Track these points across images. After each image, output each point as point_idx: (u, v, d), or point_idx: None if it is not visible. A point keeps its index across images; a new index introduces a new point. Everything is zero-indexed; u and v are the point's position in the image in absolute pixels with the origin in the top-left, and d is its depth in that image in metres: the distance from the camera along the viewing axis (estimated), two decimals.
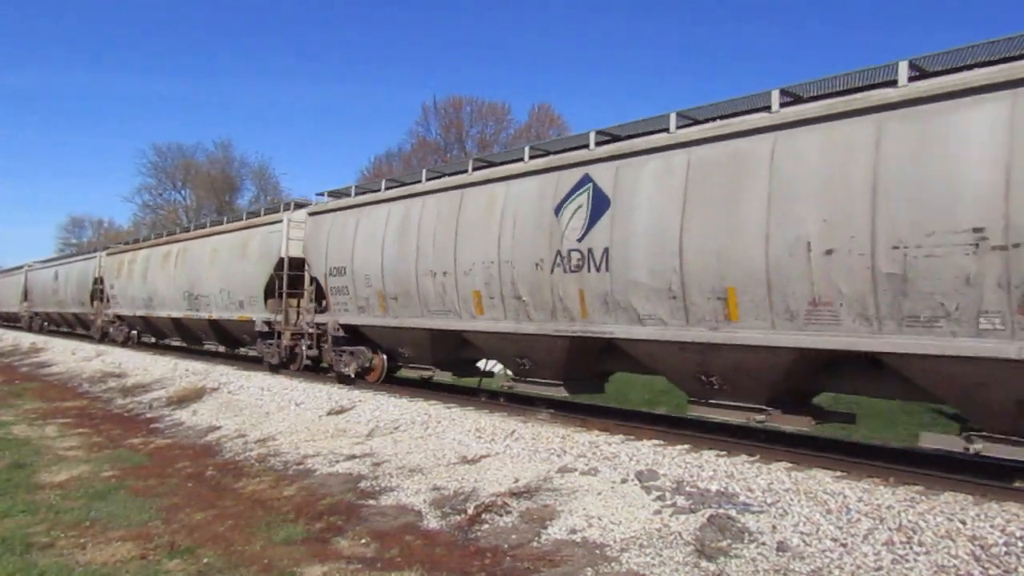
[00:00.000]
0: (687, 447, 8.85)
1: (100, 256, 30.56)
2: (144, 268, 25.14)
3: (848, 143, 7.47)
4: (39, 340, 33.49)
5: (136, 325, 27.25)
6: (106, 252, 30.41)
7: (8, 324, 46.98)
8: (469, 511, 7.45)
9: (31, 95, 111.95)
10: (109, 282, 28.58)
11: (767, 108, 8.35)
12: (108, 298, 28.87)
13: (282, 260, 17.11)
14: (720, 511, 6.60)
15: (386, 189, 14.41)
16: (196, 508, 8.17)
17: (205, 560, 6.53)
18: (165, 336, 25.98)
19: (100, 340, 29.72)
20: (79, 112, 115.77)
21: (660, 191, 9.15)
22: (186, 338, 24.13)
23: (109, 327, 28.99)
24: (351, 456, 9.96)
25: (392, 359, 14.90)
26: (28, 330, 41.05)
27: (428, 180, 13.31)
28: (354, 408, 12.50)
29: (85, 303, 31.62)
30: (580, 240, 10.06)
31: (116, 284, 27.79)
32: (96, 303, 30.46)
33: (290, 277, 17.04)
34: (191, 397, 15.72)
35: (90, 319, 31.32)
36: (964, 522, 5.85)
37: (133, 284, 26.04)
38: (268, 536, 7.16)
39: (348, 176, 77.80)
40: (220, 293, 19.95)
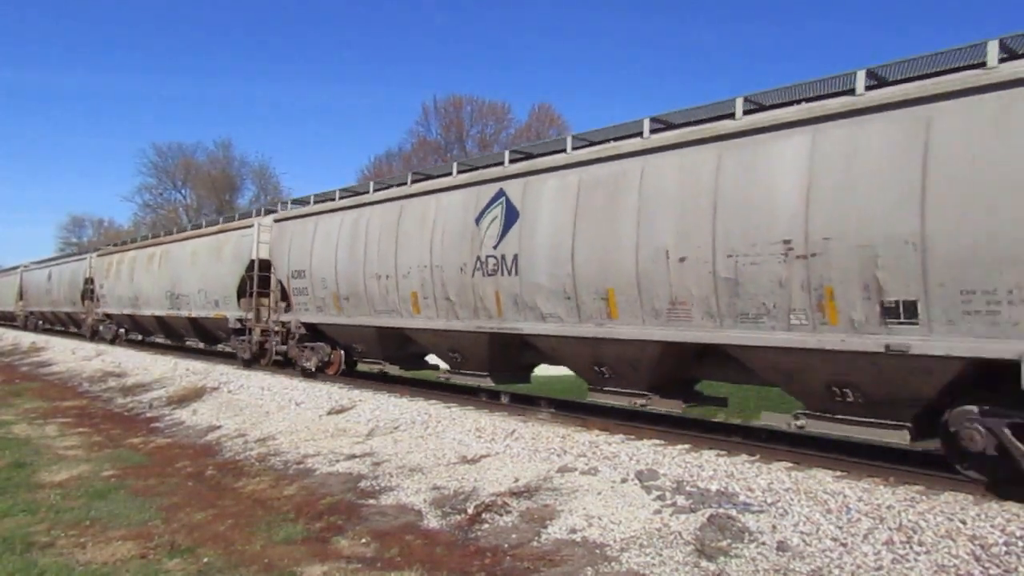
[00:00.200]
0: (687, 447, 8.87)
1: (90, 257, 31.95)
2: (131, 269, 26.50)
3: (696, 167, 8.80)
4: (39, 339, 33.82)
5: (124, 323, 28.63)
6: (96, 254, 31.82)
7: (5, 323, 48.41)
8: (469, 511, 7.50)
9: (31, 95, 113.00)
10: (99, 282, 29.94)
11: (640, 134, 9.68)
12: (98, 298, 30.23)
13: (253, 262, 18.46)
14: (720, 511, 6.65)
15: (340, 199, 15.76)
16: (196, 507, 8.23)
17: (205, 560, 6.56)
18: (150, 333, 27.36)
19: (91, 338, 31.09)
20: (79, 112, 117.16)
21: (558, 205, 10.48)
22: (169, 335, 25.50)
23: (99, 325, 30.37)
24: (351, 456, 9.98)
25: (348, 354, 16.27)
26: (24, 329, 42.47)
27: (375, 191, 14.65)
28: (354, 408, 12.54)
29: (76, 302, 33.03)
30: (495, 247, 11.39)
31: (105, 284, 29.15)
32: (87, 302, 31.85)
33: (260, 278, 18.37)
34: (191, 396, 15.75)
35: (81, 318, 32.74)
36: (964, 522, 5.89)
37: (120, 284, 27.40)
38: (268, 536, 7.19)
39: (348, 176, 78.35)
40: (198, 293, 21.31)
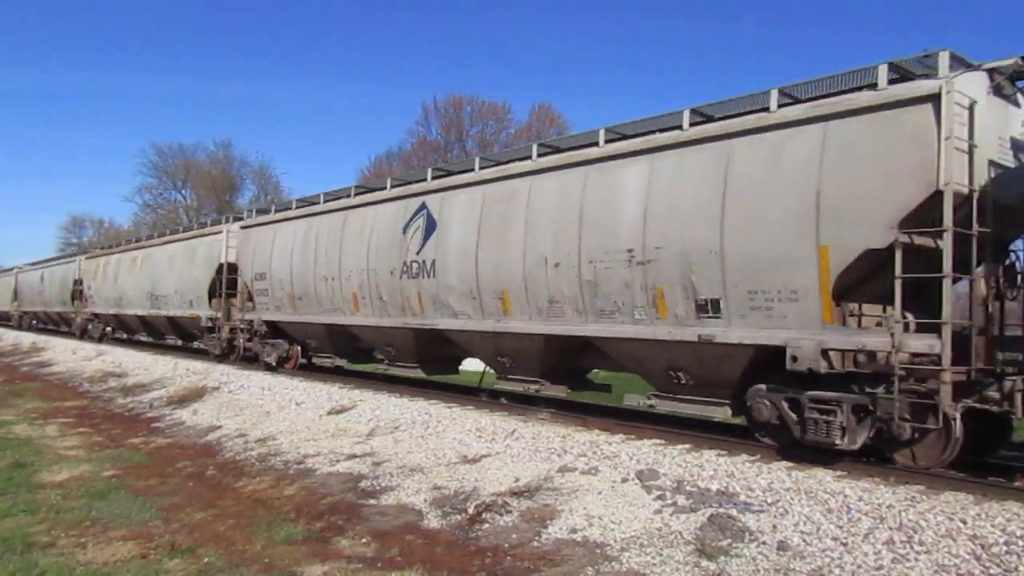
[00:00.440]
0: (688, 446, 8.94)
1: (79, 260, 33.61)
2: (115, 271, 28.14)
3: (569, 187, 10.41)
4: (39, 339, 34.18)
5: (110, 323, 30.24)
6: (84, 256, 33.51)
7: (0, 323, 50.00)
8: (469, 510, 7.51)
9: (31, 95, 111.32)
10: (87, 283, 31.57)
11: (530, 157, 11.30)
12: (86, 298, 31.85)
13: (222, 266, 20.09)
14: (721, 510, 6.66)
15: (296, 208, 17.37)
16: (197, 507, 8.24)
17: (206, 560, 6.55)
18: (134, 332, 28.94)
19: (80, 336, 32.68)
20: (79, 112, 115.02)
21: (467, 217, 12.09)
22: (151, 333, 27.09)
23: (87, 324, 31.98)
24: (351, 456, 10.01)
25: (304, 349, 17.86)
26: (18, 328, 44.05)
27: (325, 202, 16.27)
28: (354, 408, 12.59)
29: (66, 303, 34.67)
30: (418, 253, 12.99)
31: (93, 285, 30.77)
32: (76, 303, 33.48)
33: (228, 280, 20.00)
34: (191, 397, 15.78)
35: (71, 317, 34.35)
36: (965, 521, 5.88)
37: (107, 285, 29.02)
38: (269, 535, 7.18)
39: (348, 176, 77.97)
40: (175, 293, 22.94)
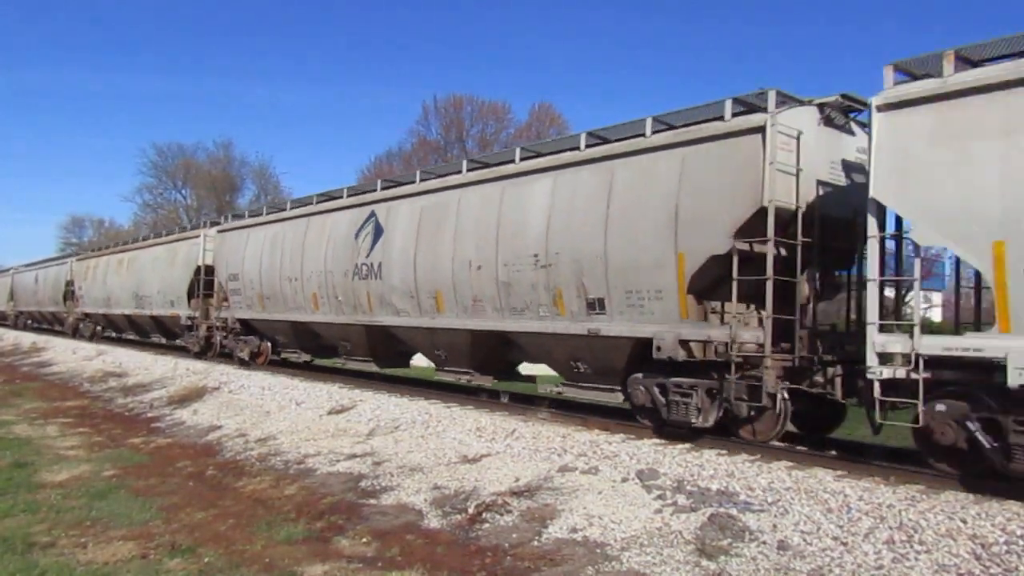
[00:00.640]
0: (688, 446, 9.00)
1: (71, 262, 34.98)
2: (104, 272, 29.48)
3: (490, 199, 11.76)
4: (40, 339, 34.40)
5: (99, 322, 31.57)
6: (75, 258, 34.87)
7: None
8: (470, 510, 7.53)
9: (31, 95, 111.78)
10: (78, 284, 32.92)
11: (460, 171, 12.65)
12: (77, 298, 33.19)
13: (199, 267, 21.42)
14: (721, 510, 6.68)
15: (267, 214, 18.73)
16: (197, 507, 8.23)
17: (206, 559, 6.54)
18: (122, 330, 30.28)
19: (72, 335, 34.01)
20: (79, 112, 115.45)
21: (408, 225, 13.43)
22: (137, 332, 28.42)
23: (79, 323, 33.32)
24: (352, 455, 10.04)
25: (275, 346, 19.20)
26: (14, 327, 45.37)
27: (291, 209, 17.63)
28: (355, 407, 12.67)
29: (59, 303, 36.02)
30: (367, 257, 14.34)
31: (83, 286, 32.11)
32: (68, 303, 34.82)
33: (206, 281, 21.34)
34: (192, 396, 15.81)
35: (63, 317, 35.70)
36: (965, 521, 5.88)
37: (96, 286, 30.36)
38: (269, 535, 7.17)
39: (348, 176, 78.47)
40: (158, 294, 24.27)
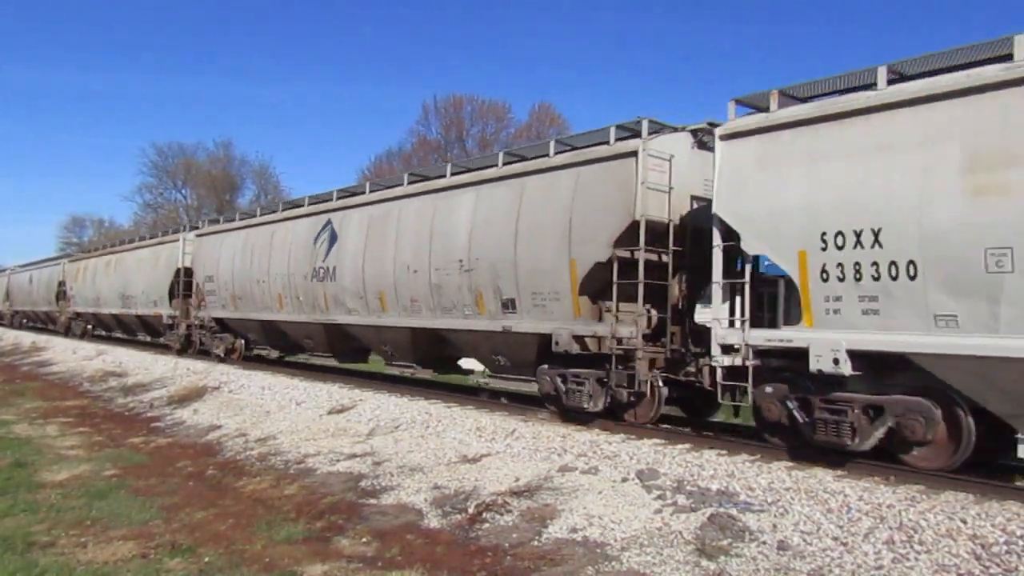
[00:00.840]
0: (688, 446, 9.00)
1: (63, 263, 36.35)
2: (93, 273, 30.83)
3: (425, 210, 13.08)
4: (40, 339, 34.64)
5: (90, 321, 32.91)
6: (67, 260, 36.23)
7: None
8: (470, 510, 7.54)
9: (31, 95, 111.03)
10: (70, 284, 34.28)
11: (402, 184, 13.97)
12: (69, 298, 34.54)
13: (179, 269, 22.75)
14: (721, 510, 6.69)
15: (239, 220, 20.07)
16: (197, 507, 8.24)
17: (206, 559, 6.55)
18: (110, 329, 31.60)
19: (64, 333, 35.34)
20: (79, 112, 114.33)
21: (359, 232, 14.75)
22: (124, 330, 29.76)
23: (71, 322, 34.66)
24: (352, 455, 10.07)
25: (248, 343, 20.53)
26: (10, 327, 46.71)
27: (260, 215, 18.97)
28: (355, 407, 12.76)
29: (52, 302, 37.39)
30: (324, 261, 15.66)
31: (75, 286, 33.47)
32: (60, 302, 36.16)
33: (185, 282, 22.65)
34: (192, 396, 15.86)
35: (56, 316, 37.04)
36: (965, 521, 5.89)
37: (86, 286, 31.71)
38: (269, 535, 7.18)
39: (349, 176, 78.97)
40: (142, 294, 25.61)
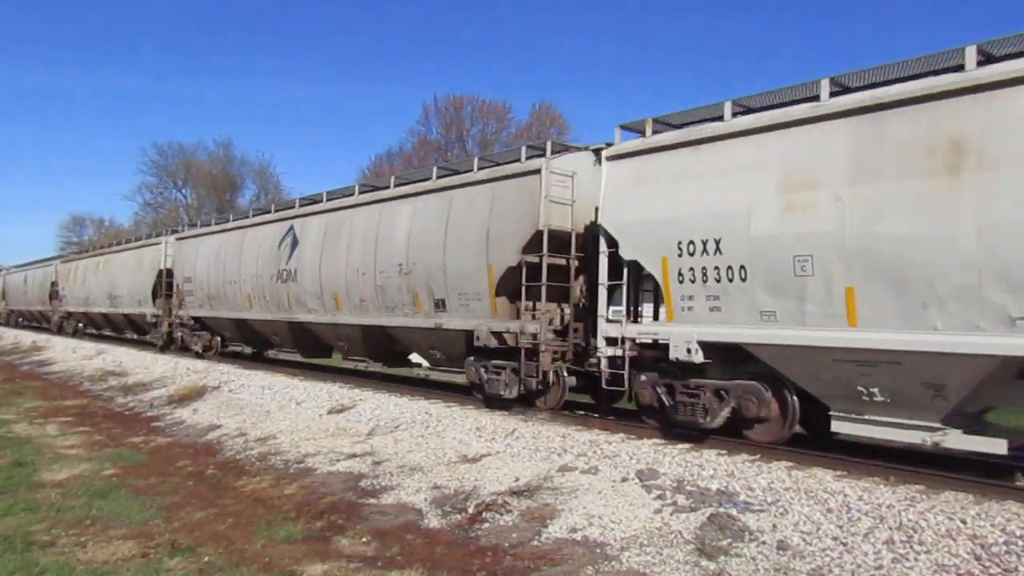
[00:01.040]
0: (688, 446, 8.99)
1: (56, 264, 37.70)
2: (84, 274, 32.16)
3: (372, 218, 14.38)
4: (40, 338, 34.86)
5: (80, 319, 34.25)
6: (60, 261, 37.58)
7: None
8: (470, 510, 7.56)
9: (31, 95, 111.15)
10: (62, 284, 35.64)
11: (353, 194, 15.28)
12: (61, 297, 35.88)
13: (161, 271, 24.08)
14: (721, 510, 6.70)
15: (215, 224, 21.40)
16: (197, 507, 8.25)
17: (206, 559, 6.57)
18: (100, 327, 32.93)
19: (56, 332, 36.67)
20: (79, 112, 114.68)
21: (317, 238, 16.06)
22: (112, 328, 31.09)
23: (63, 321, 36.00)
24: (352, 455, 10.07)
25: (223, 340, 21.85)
26: (6, 325, 48.07)
27: (233, 221, 20.29)
28: (355, 407, 12.83)
29: (45, 302, 38.74)
30: (287, 264, 16.97)
31: (66, 287, 34.81)
32: (53, 302, 37.51)
33: (167, 283, 23.98)
34: (192, 395, 15.92)
35: (49, 315, 38.39)
36: (964, 521, 5.89)
37: (77, 286, 33.04)
38: (269, 534, 7.20)
39: (349, 176, 79.54)
40: (128, 294, 26.94)
